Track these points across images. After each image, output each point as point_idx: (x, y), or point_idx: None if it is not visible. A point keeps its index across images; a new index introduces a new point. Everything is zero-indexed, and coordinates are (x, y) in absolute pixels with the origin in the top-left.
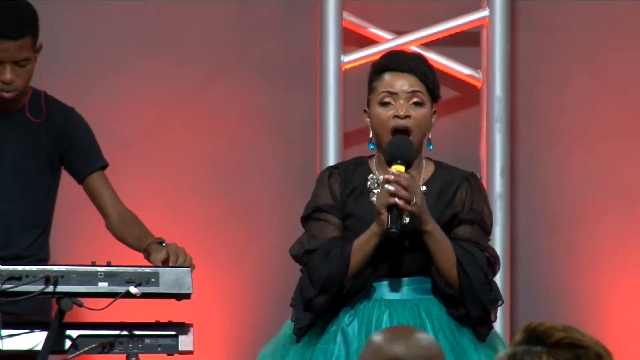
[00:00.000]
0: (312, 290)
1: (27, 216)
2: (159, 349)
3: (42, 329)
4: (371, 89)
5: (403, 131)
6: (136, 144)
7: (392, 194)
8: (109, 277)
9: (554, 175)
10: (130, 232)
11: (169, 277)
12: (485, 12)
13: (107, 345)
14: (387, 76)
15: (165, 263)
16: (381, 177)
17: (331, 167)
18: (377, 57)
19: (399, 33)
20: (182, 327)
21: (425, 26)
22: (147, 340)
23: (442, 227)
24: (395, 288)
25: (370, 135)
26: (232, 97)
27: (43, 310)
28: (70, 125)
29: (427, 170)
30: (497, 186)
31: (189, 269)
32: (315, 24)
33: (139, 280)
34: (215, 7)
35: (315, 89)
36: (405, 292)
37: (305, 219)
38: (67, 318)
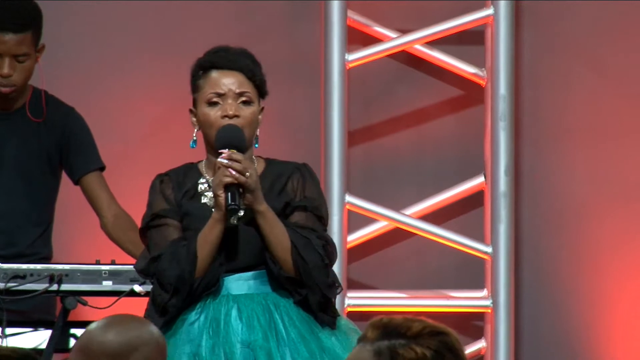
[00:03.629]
0: (165, 295)
1: (29, 214)
2: None
3: (46, 328)
4: (197, 87)
5: None
6: (139, 143)
7: (226, 166)
8: (113, 275)
9: (558, 173)
10: (127, 237)
11: None
12: (489, 11)
13: None
14: (214, 74)
15: None
16: (211, 179)
17: (161, 174)
18: (382, 55)
19: (403, 31)
20: None
21: (430, 24)
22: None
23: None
24: (240, 282)
25: (194, 136)
26: None
27: (46, 309)
28: (69, 125)
29: (258, 166)
30: (502, 185)
31: None
32: (320, 22)
33: (143, 278)
34: (219, 6)
35: (320, 87)
36: (252, 285)
37: (144, 230)
38: (72, 317)
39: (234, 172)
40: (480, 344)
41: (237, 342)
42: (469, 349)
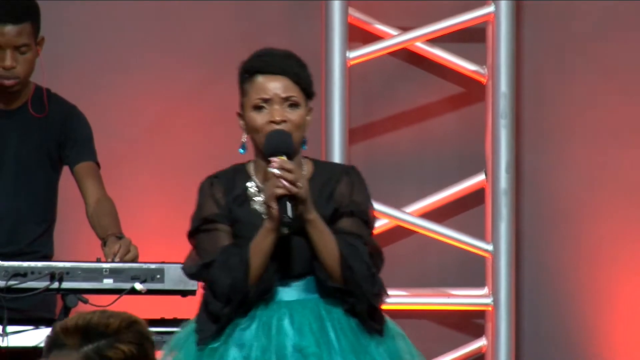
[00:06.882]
0: (218, 304)
1: (31, 212)
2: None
3: (47, 326)
4: (243, 91)
5: None
6: (141, 140)
7: (278, 177)
8: (114, 273)
9: (559, 171)
10: (99, 221)
11: (175, 274)
12: (490, 8)
13: None
14: (260, 79)
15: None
16: (260, 183)
17: (211, 176)
18: (383, 53)
19: (404, 29)
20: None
21: (431, 22)
22: (152, 337)
23: (325, 223)
24: (291, 290)
25: (243, 140)
26: (237, 94)
27: (47, 306)
28: (70, 121)
29: (306, 169)
30: (502, 182)
31: None
32: (321, 20)
33: (144, 276)
34: (220, 4)
35: (321, 85)
36: (302, 292)
37: (193, 233)
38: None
39: (286, 183)
40: (481, 342)
41: (289, 345)
42: (470, 347)
